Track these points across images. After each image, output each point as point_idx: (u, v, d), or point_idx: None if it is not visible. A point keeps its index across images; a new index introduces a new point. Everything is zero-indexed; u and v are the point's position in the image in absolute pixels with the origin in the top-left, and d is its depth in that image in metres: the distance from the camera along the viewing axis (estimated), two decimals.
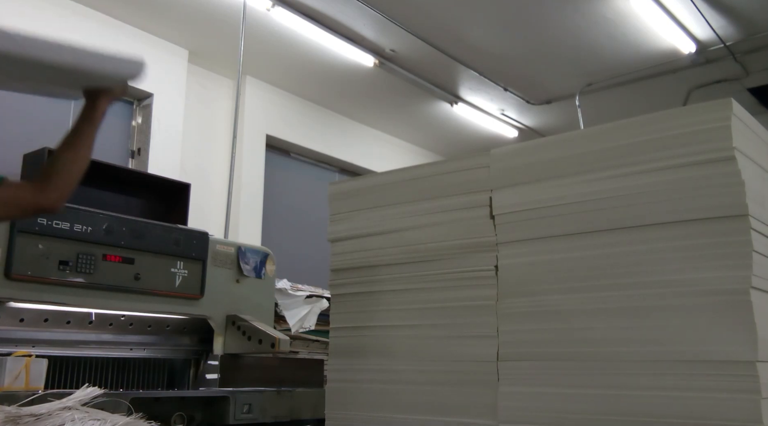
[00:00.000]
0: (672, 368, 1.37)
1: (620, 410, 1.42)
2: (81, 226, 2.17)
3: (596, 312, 1.50)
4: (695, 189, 1.42)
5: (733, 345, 1.31)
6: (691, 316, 1.37)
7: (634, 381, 1.42)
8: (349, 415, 1.84)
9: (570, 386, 1.50)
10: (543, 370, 1.54)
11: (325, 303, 3.30)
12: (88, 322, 2.32)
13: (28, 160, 2.93)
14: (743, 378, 1.29)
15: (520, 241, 1.52)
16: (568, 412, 1.48)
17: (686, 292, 1.39)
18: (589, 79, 5.10)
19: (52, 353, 2.18)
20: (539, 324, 1.57)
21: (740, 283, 1.33)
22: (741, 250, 1.35)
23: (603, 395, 1.45)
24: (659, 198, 1.45)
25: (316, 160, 5.60)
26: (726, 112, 1.41)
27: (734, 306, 1.33)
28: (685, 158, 1.42)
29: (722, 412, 1.30)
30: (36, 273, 2.07)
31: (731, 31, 4.45)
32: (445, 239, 1.78)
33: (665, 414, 1.36)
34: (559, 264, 1.58)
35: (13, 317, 2.15)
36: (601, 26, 4.37)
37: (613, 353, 1.46)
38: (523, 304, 1.61)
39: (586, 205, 1.55)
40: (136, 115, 4.52)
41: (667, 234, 1.44)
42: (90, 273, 2.19)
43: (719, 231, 1.38)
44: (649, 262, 1.45)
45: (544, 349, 1.55)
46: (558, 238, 1.59)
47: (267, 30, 4.36)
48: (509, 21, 4.22)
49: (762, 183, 1.52)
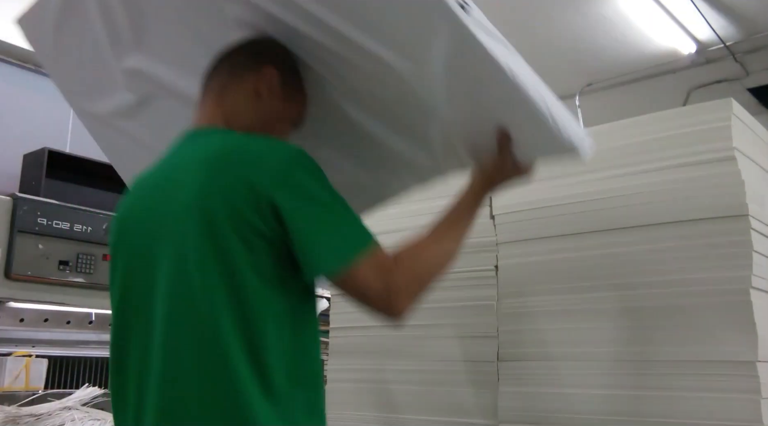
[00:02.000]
0: (672, 368, 1.37)
1: (620, 410, 1.42)
2: (81, 226, 2.17)
3: (596, 312, 1.50)
4: (695, 189, 1.42)
5: (733, 345, 1.31)
6: (691, 316, 1.37)
7: (634, 381, 1.41)
8: (349, 415, 1.84)
9: (570, 386, 1.50)
10: (543, 370, 1.54)
11: (325, 303, 3.29)
12: (88, 322, 2.32)
13: (28, 160, 2.93)
14: (743, 378, 1.29)
15: (520, 241, 1.52)
16: (568, 412, 1.48)
17: (686, 292, 1.39)
18: (589, 79, 5.09)
19: (52, 353, 2.18)
20: (539, 324, 1.57)
21: (740, 283, 1.33)
22: (741, 250, 1.34)
23: (603, 395, 1.45)
24: (659, 198, 1.45)
25: None
26: (726, 112, 1.41)
27: (734, 306, 1.33)
28: (685, 158, 1.42)
29: (722, 412, 1.29)
30: (36, 273, 2.07)
31: (731, 31, 4.45)
32: None
33: (665, 414, 1.36)
34: (559, 264, 1.58)
35: (13, 317, 2.15)
36: (601, 26, 4.37)
37: (613, 353, 1.46)
38: (523, 304, 1.61)
39: (586, 205, 1.55)
40: None
41: (667, 234, 1.43)
42: (90, 273, 2.19)
43: (719, 231, 1.38)
44: (649, 262, 1.45)
45: (544, 349, 1.55)
46: (558, 238, 1.59)
47: None
48: (509, 21, 4.22)
49: (762, 183, 1.52)
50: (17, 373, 1.93)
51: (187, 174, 1.05)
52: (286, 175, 1.01)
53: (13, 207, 2.03)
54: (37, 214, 2.08)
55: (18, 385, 1.92)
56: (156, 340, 1.02)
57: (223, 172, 1.01)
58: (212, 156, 1.04)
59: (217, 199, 0.99)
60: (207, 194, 1.00)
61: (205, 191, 1.01)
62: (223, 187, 1.00)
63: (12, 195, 2.08)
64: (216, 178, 1.01)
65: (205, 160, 1.04)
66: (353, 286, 1.01)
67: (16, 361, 1.95)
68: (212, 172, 1.02)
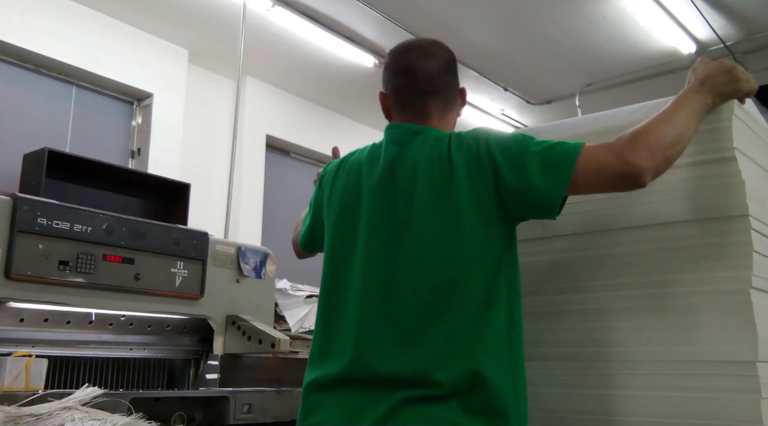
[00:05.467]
0: (672, 368, 1.37)
1: (620, 410, 1.42)
2: (81, 226, 2.17)
3: (596, 312, 1.50)
4: (695, 189, 1.42)
5: (733, 345, 1.31)
6: (691, 316, 1.37)
7: (634, 381, 1.41)
8: None
9: (570, 386, 1.50)
10: (543, 370, 1.54)
11: None
12: (88, 322, 2.32)
13: (28, 160, 2.93)
14: (743, 378, 1.29)
15: (520, 241, 1.51)
16: (568, 412, 1.48)
17: (686, 292, 1.39)
18: (589, 79, 5.10)
19: (52, 353, 2.17)
20: (539, 324, 1.57)
21: (740, 283, 1.33)
22: (741, 250, 1.34)
23: (603, 395, 1.45)
24: (660, 198, 1.45)
25: (316, 160, 5.60)
26: (727, 113, 1.41)
27: (734, 306, 1.33)
28: (685, 158, 1.42)
29: (722, 412, 1.29)
30: (36, 273, 2.07)
31: (731, 31, 4.46)
32: None
33: (665, 414, 1.36)
34: (559, 264, 1.58)
35: (13, 317, 2.15)
36: (601, 26, 4.38)
37: (613, 353, 1.46)
38: (524, 304, 1.61)
39: (586, 205, 1.55)
40: (136, 115, 4.52)
41: (667, 234, 1.44)
42: (90, 273, 2.18)
43: (719, 231, 1.38)
44: (649, 262, 1.45)
45: (544, 349, 1.55)
46: (558, 238, 1.59)
47: (267, 30, 4.36)
48: (509, 21, 4.22)
49: (762, 183, 1.52)
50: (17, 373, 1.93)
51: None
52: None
53: (13, 207, 2.03)
54: (37, 214, 2.07)
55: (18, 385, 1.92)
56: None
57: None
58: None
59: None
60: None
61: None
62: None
63: (12, 195, 2.08)
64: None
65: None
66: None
67: (16, 361, 1.95)
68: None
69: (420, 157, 1.35)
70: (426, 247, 1.29)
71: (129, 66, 4.32)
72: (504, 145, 1.31)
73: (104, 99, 4.34)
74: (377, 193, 1.37)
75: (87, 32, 4.10)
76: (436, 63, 1.41)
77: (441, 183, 1.31)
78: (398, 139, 1.40)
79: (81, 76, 4.13)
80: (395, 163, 1.37)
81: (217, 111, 4.93)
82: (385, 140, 1.43)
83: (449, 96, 1.44)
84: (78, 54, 4.02)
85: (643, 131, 1.23)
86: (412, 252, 1.30)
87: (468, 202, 1.29)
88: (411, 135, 1.39)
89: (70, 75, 4.08)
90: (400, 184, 1.35)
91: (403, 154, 1.37)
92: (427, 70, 1.40)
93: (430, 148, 1.35)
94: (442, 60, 1.43)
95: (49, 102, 3.97)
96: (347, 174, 1.46)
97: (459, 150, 1.32)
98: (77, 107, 4.11)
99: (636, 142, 1.21)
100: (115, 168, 3.15)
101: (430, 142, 1.36)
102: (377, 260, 1.33)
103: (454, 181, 1.30)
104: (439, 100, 1.42)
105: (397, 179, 1.35)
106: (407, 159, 1.36)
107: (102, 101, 4.32)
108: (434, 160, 1.33)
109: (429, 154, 1.34)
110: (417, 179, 1.33)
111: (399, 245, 1.31)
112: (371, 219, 1.36)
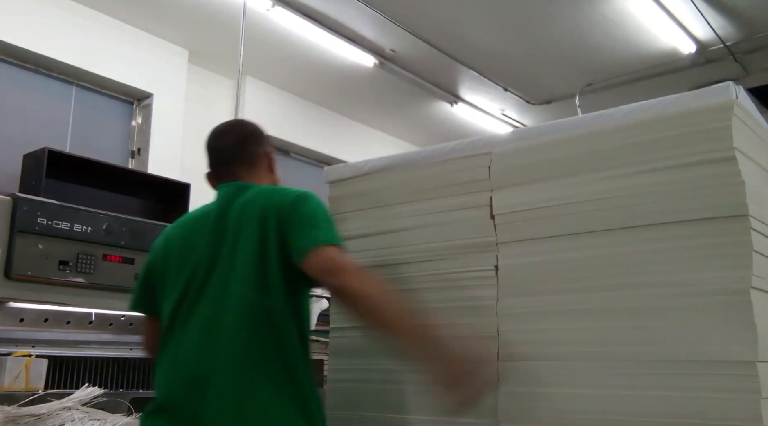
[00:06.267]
0: (672, 368, 1.37)
1: (620, 410, 1.42)
2: (81, 226, 2.17)
3: (596, 312, 1.50)
4: (695, 189, 1.42)
5: (733, 345, 1.31)
6: (691, 316, 1.37)
7: (634, 381, 1.41)
8: (349, 415, 1.84)
9: (570, 386, 1.50)
10: (543, 370, 1.54)
11: (325, 303, 3.29)
12: (88, 322, 2.32)
13: (28, 160, 2.93)
14: (743, 378, 1.29)
15: (520, 241, 1.52)
16: (568, 412, 1.48)
17: (686, 292, 1.39)
18: (589, 79, 5.10)
19: (52, 353, 2.18)
20: (539, 324, 1.57)
21: (740, 283, 1.33)
22: (741, 250, 1.34)
23: (603, 395, 1.45)
24: (659, 198, 1.45)
25: (316, 160, 5.60)
26: (726, 113, 1.41)
27: (734, 306, 1.33)
28: (685, 158, 1.42)
29: (722, 412, 1.29)
30: (36, 273, 2.07)
31: (731, 31, 4.45)
32: (445, 239, 1.77)
33: (665, 414, 1.36)
34: (559, 264, 1.58)
35: (13, 317, 2.15)
36: (601, 26, 4.38)
37: (613, 353, 1.46)
38: (523, 304, 1.61)
39: (586, 205, 1.55)
40: (136, 115, 4.52)
41: (667, 234, 1.43)
42: (90, 273, 2.19)
43: (719, 231, 1.38)
44: (649, 262, 1.45)
45: (544, 349, 1.55)
46: (558, 238, 1.59)
47: (267, 30, 4.36)
48: (509, 21, 4.22)
49: (762, 183, 1.52)
50: (17, 373, 1.93)
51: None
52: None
53: (13, 207, 2.03)
54: (37, 214, 2.08)
55: (18, 385, 1.92)
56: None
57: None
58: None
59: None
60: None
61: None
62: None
63: (12, 195, 2.08)
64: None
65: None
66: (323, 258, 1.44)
67: (16, 361, 1.95)
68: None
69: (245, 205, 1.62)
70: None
71: (129, 66, 4.33)
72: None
73: (104, 99, 4.34)
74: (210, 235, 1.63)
75: (87, 32, 4.10)
76: (229, 139, 1.76)
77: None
78: (228, 192, 1.68)
79: (81, 76, 4.13)
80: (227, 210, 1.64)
81: (217, 111, 4.93)
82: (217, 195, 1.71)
83: (252, 159, 1.76)
84: (78, 54, 4.02)
85: (373, 283, 1.43)
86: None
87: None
88: (239, 189, 1.67)
89: (70, 75, 4.08)
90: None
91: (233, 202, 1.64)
92: (223, 146, 1.76)
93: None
94: (236, 135, 1.78)
95: (49, 102, 3.97)
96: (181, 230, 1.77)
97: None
98: (77, 107, 4.11)
99: (361, 278, 1.42)
100: (115, 168, 3.15)
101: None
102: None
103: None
104: (242, 164, 1.73)
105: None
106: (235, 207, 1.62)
107: (102, 101, 4.32)
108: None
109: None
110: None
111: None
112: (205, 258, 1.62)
